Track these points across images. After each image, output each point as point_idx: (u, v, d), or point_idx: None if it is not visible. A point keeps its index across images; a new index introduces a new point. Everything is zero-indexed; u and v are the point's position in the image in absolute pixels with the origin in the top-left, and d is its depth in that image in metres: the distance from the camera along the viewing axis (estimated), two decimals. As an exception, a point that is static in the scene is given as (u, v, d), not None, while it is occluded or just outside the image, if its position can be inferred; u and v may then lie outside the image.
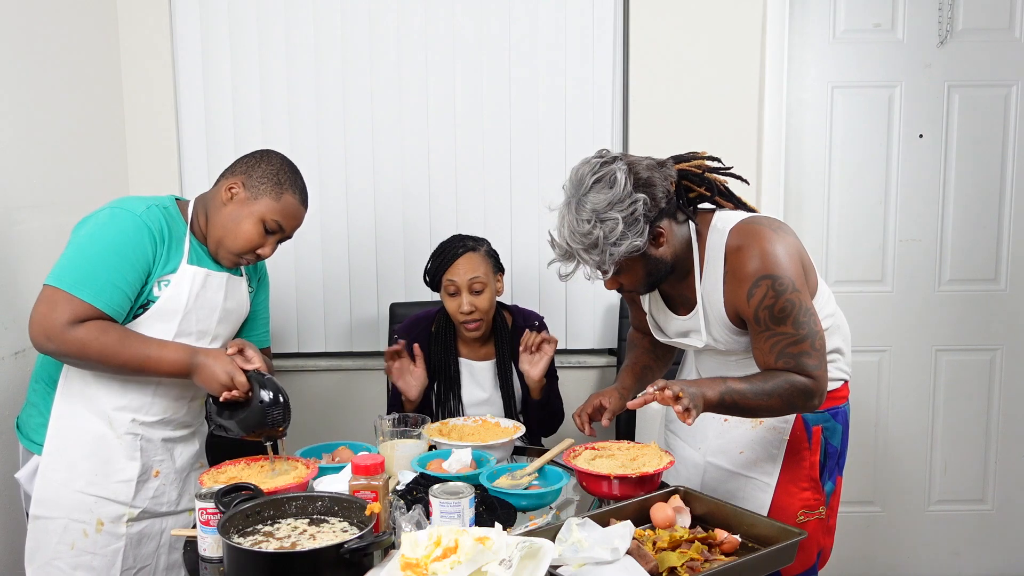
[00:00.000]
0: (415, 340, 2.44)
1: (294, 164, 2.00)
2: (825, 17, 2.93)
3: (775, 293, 1.75)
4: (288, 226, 1.96)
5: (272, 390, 1.79)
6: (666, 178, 1.80)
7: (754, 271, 1.77)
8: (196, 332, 1.91)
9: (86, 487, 1.84)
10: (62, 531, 1.84)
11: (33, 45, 2.34)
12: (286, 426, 1.81)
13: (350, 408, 3.01)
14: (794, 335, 1.76)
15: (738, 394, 1.74)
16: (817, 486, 1.94)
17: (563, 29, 2.90)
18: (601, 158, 1.79)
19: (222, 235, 1.91)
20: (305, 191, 1.99)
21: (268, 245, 1.95)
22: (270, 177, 1.92)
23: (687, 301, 1.93)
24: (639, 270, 1.82)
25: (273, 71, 2.90)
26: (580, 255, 1.76)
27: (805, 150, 2.98)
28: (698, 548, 1.54)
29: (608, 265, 1.75)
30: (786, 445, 1.93)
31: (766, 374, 1.79)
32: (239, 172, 1.93)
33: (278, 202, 1.91)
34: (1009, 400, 3.11)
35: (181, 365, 1.82)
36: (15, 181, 2.24)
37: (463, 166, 2.96)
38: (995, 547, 3.18)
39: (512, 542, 1.41)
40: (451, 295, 2.39)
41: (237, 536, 1.48)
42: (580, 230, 1.74)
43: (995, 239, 3.03)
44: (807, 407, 1.81)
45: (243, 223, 1.90)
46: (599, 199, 1.73)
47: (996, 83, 2.96)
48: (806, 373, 1.77)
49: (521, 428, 2.19)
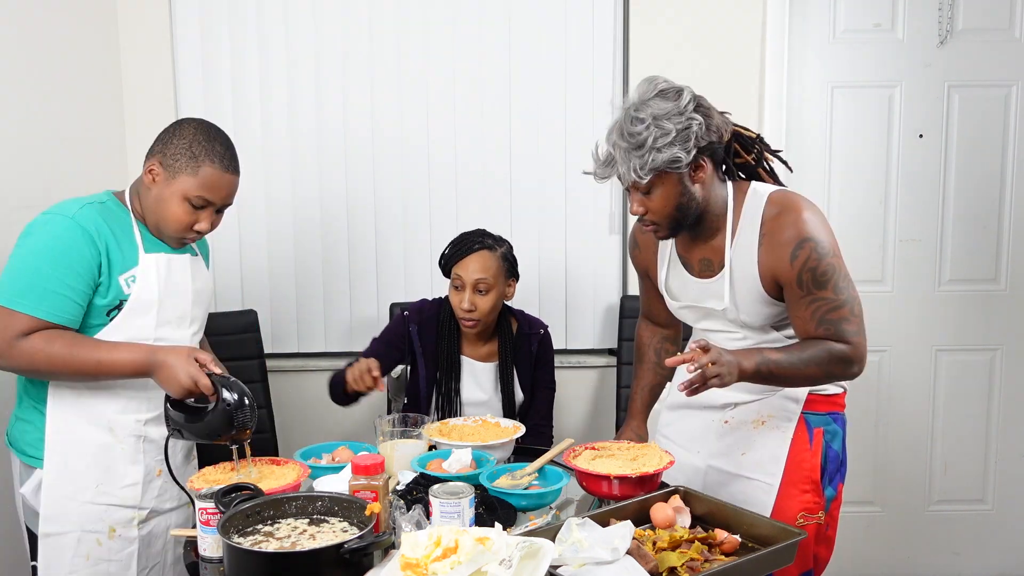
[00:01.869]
0: (423, 324, 2.44)
1: (212, 128, 1.89)
2: (825, 17, 2.93)
3: (818, 255, 1.78)
4: (216, 197, 1.86)
5: (238, 392, 1.73)
6: (725, 123, 1.84)
7: (797, 234, 1.79)
8: (176, 319, 1.89)
9: (94, 497, 1.83)
10: (76, 544, 1.82)
11: (33, 45, 2.34)
12: (252, 428, 1.77)
13: (350, 408, 3.01)
14: (834, 300, 1.78)
15: (774, 364, 1.76)
16: (818, 489, 1.93)
17: (563, 29, 2.90)
18: (668, 81, 1.83)
19: (155, 219, 1.86)
20: (227, 156, 1.87)
21: (203, 220, 1.87)
22: (183, 152, 1.82)
23: (708, 266, 1.92)
24: (671, 194, 1.80)
25: (273, 71, 2.90)
26: (621, 157, 1.77)
27: (805, 150, 2.98)
28: (698, 548, 1.54)
29: (646, 171, 1.74)
30: (789, 446, 1.93)
31: (803, 343, 1.80)
32: (156, 152, 1.85)
33: (196, 176, 1.82)
34: (1009, 400, 3.11)
35: (138, 365, 1.77)
36: (14, 181, 2.24)
37: (463, 165, 2.96)
38: (995, 547, 3.18)
39: (512, 542, 1.41)
40: (456, 288, 2.39)
41: (237, 536, 1.48)
42: (632, 129, 1.75)
43: (995, 239, 3.03)
44: (847, 374, 1.82)
45: (168, 204, 1.83)
46: (660, 106, 1.75)
47: (996, 83, 2.96)
48: (844, 340, 1.78)
49: (521, 428, 2.19)
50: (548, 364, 2.53)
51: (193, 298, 1.95)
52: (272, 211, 2.97)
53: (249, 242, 2.99)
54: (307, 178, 2.96)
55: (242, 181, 3.04)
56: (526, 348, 2.48)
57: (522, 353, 2.48)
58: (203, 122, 1.89)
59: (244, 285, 3.01)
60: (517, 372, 2.47)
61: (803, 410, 1.93)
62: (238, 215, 2.96)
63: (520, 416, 2.47)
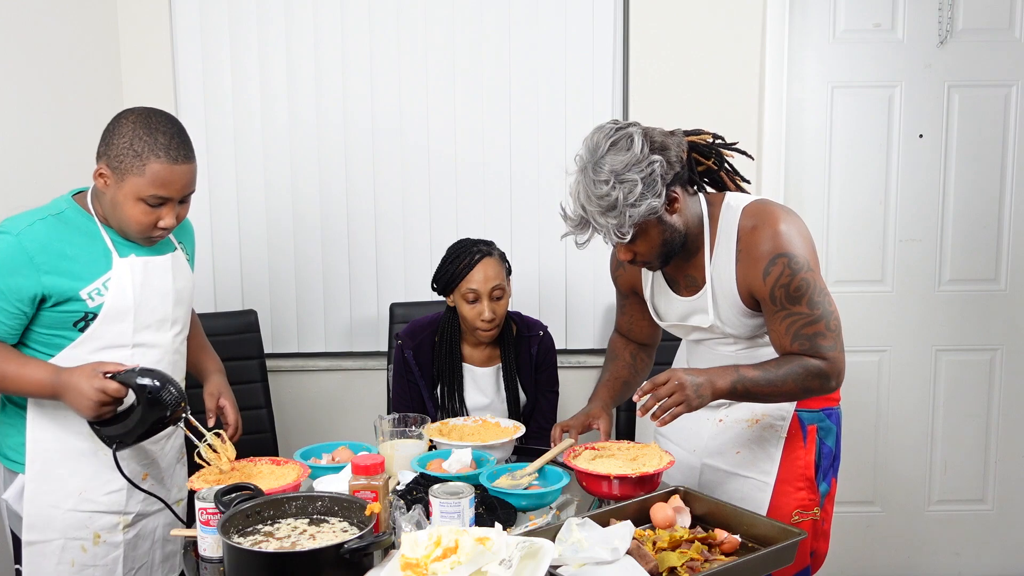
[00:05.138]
0: (418, 347, 2.43)
1: (152, 117, 1.75)
2: (825, 17, 2.93)
3: (791, 271, 1.77)
4: (171, 192, 1.74)
5: (152, 376, 1.68)
6: (679, 145, 1.81)
7: (770, 249, 1.78)
8: (155, 322, 1.84)
9: (78, 504, 1.81)
10: (60, 551, 1.81)
11: (33, 45, 2.34)
12: (186, 402, 1.73)
13: (350, 408, 3.01)
14: (809, 315, 1.77)
15: (750, 382, 1.75)
16: (812, 486, 1.94)
17: (563, 30, 2.90)
18: (615, 124, 1.79)
19: (118, 223, 1.78)
20: (173, 145, 1.74)
21: (165, 216, 1.76)
22: (126, 151, 1.71)
23: (693, 282, 1.93)
24: (655, 236, 1.80)
25: (273, 71, 2.90)
26: (596, 220, 1.75)
27: (805, 150, 2.98)
28: (698, 548, 1.54)
29: (627, 228, 1.73)
30: (783, 443, 1.93)
31: (779, 360, 1.80)
32: (101, 154, 1.75)
33: (144, 176, 1.70)
34: (1009, 400, 3.11)
35: (44, 385, 1.71)
36: (14, 182, 2.24)
37: (463, 165, 2.96)
38: (995, 547, 3.18)
39: (512, 542, 1.41)
40: (471, 303, 2.35)
41: (237, 536, 1.48)
42: (597, 192, 1.72)
43: (995, 239, 3.03)
44: (824, 389, 1.81)
45: (124, 208, 1.74)
46: (617, 160, 1.72)
47: (996, 83, 2.96)
48: (820, 355, 1.78)
49: (521, 428, 2.19)
50: (551, 368, 2.52)
51: (174, 299, 1.88)
52: (272, 211, 2.97)
53: (249, 242, 2.99)
54: (307, 178, 2.96)
55: (242, 181, 3.05)
56: (526, 350, 2.48)
57: (522, 355, 2.47)
58: (143, 112, 1.76)
59: (244, 285, 3.01)
60: (519, 374, 2.47)
61: (797, 408, 1.94)
62: (238, 215, 2.96)
63: (524, 418, 2.47)
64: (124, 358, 1.78)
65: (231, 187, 2.95)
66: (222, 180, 2.94)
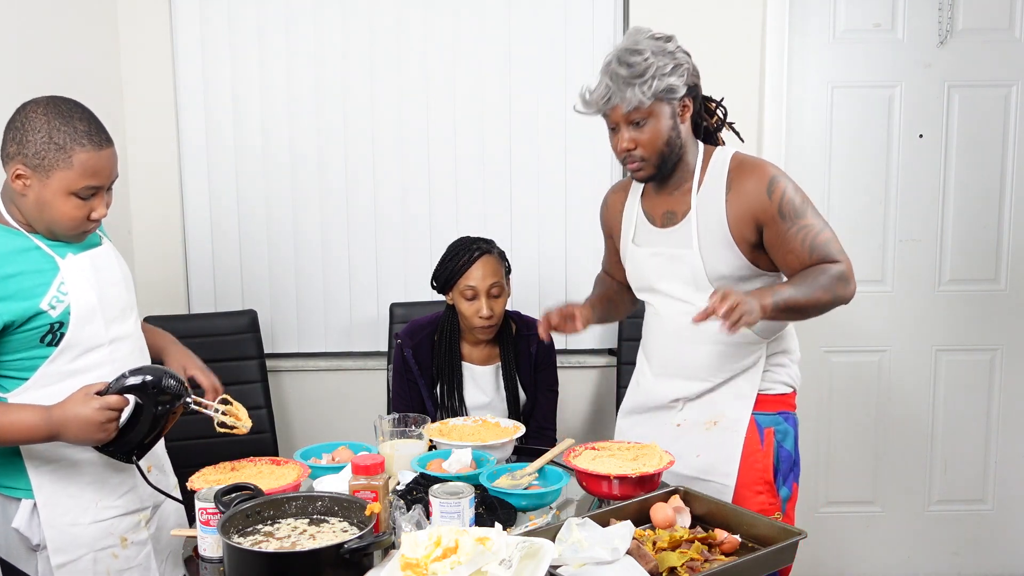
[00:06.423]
0: (417, 346, 2.43)
1: (63, 106, 1.65)
2: (825, 17, 2.93)
3: (793, 187, 1.89)
4: (101, 180, 1.67)
5: (140, 374, 1.63)
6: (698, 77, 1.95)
7: (764, 175, 1.89)
8: (119, 312, 1.78)
9: (98, 514, 1.77)
10: (93, 564, 1.77)
11: (33, 45, 2.34)
12: (187, 382, 1.70)
13: (350, 408, 3.01)
14: (816, 225, 1.87)
15: (790, 297, 1.79)
16: (772, 489, 1.95)
17: (563, 29, 2.90)
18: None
19: (45, 224, 1.67)
20: (93, 130, 1.65)
21: (97, 207, 1.69)
22: (45, 145, 1.60)
23: (672, 217, 1.98)
24: (662, 127, 1.88)
25: (273, 71, 2.90)
26: (621, 86, 1.83)
27: (805, 150, 2.98)
28: (698, 548, 1.54)
29: (650, 95, 1.82)
30: (742, 446, 1.94)
31: (802, 274, 1.85)
32: (13, 154, 1.62)
33: (72, 168, 1.61)
34: (1009, 400, 3.11)
35: (37, 428, 1.61)
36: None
37: (463, 165, 2.96)
38: (995, 547, 3.18)
39: (512, 542, 1.41)
40: (469, 300, 2.37)
41: (237, 536, 1.48)
42: (632, 59, 1.83)
43: (995, 239, 3.03)
44: (847, 293, 1.86)
45: (54, 206, 1.64)
46: (654, 44, 1.87)
47: (996, 83, 2.96)
48: (836, 260, 1.85)
49: (521, 428, 2.19)
50: (550, 367, 2.53)
51: (125, 285, 1.83)
52: (272, 211, 2.97)
53: (249, 242, 2.99)
54: (307, 178, 2.96)
55: (242, 181, 3.05)
56: (525, 349, 2.48)
57: (522, 354, 2.48)
58: (50, 101, 1.65)
59: (244, 285, 3.01)
60: (518, 373, 2.47)
61: (753, 411, 1.95)
62: (238, 215, 2.96)
63: (524, 417, 2.47)
64: (104, 356, 1.74)
65: (231, 187, 2.95)
66: (222, 180, 2.94)
